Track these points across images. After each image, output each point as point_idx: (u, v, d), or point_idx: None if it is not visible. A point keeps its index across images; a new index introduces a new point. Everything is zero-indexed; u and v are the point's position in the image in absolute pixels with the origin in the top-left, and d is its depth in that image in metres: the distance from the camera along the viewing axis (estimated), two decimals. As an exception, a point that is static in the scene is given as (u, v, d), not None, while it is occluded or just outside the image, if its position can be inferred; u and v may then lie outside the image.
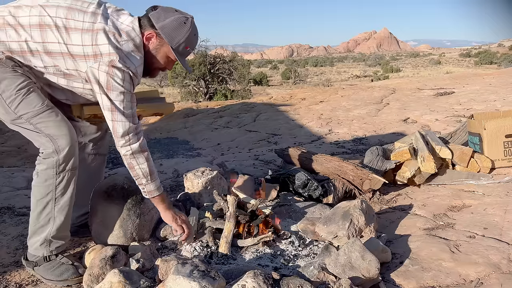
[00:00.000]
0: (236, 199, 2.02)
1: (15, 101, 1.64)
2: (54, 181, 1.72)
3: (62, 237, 1.81)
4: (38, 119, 1.68)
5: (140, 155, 1.76)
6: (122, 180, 2.06)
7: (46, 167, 1.71)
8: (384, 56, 78.70)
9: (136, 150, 1.74)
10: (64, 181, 1.73)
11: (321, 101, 7.68)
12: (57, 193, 1.73)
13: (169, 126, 6.67)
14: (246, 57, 73.38)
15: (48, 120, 1.69)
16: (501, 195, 2.50)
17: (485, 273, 1.69)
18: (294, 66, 44.12)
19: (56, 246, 1.80)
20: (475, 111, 4.84)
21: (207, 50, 19.87)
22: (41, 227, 1.76)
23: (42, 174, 1.72)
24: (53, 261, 1.79)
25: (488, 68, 34.39)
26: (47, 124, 1.69)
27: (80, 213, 2.15)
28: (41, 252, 1.78)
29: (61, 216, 1.76)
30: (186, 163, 3.92)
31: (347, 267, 1.63)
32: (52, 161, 1.70)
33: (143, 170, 1.77)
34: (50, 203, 1.74)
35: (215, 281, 1.43)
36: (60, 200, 1.75)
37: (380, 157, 2.89)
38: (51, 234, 1.76)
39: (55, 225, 1.75)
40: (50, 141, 1.69)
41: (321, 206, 2.39)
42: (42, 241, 1.77)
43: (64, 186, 1.74)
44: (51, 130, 1.69)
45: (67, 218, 1.79)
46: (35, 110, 1.67)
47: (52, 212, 1.74)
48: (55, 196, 1.73)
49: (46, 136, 1.69)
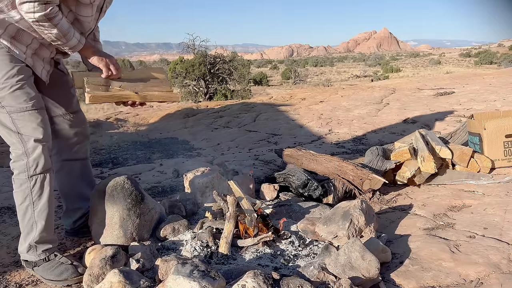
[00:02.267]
0: (236, 200, 2.02)
1: (2, 91, 1.65)
2: (29, 185, 1.73)
3: (46, 241, 1.81)
4: (19, 116, 1.68)
5: (46, 23, 1.63)
6: (122, 180, 2.05)
7: (18, 172, 1.73)
8: (384, 56, 78.69)
9: (41, 19, 1.61)
10: (38, 184, 1.74)
11: (321, 101, 7.67)
12: (33, 197, 1.74)
13: (169, 126, 6.67)
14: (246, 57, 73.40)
15: (28, 120, 1.70)
16: (501, 195, 2.50)
17: (485, 273, 1.69)
18: (294, 66, 44.13)
19: (43, 249, 1.80)
20: (475, 111, 4.84)
21: (207, 50, 19.89)
22: (27, 234, 1.78)
23: (16, 180, 1.74)
24: (53, 261, 1.79)
25: (488, 68, 34.40)
26: (24, 124, 1.70)
27: (76, 218, 2.16)
28: (31, 258, 1.79)
29: (42, 220, 1.77)
30: (186, 163, 3.92)
31: (347, 267, 1.63)
32: (22, 165, 1.71)
33: (54, 35, 1.67)
34: (29, 208, 1.75)
35: (215, 281, 1.43)
36: (38, 204, 1.75)
37: (380, 157, 2.89)
38: (35, 240, 1.77)
39: (38, 230, 1.76)
40: (20, 142, 1.70)
41: (321, 206, 2.39)
42: (28, 248, 1.78)
43: (39, 189, 1.74)
44: (26, 130, 1.69)
45: (49, 221, 1.79)
46: (19, 106, 1.68)
47: (33, 217, 1.76)
48: (32, 200, 1.74)
49: (18, 135, 1.69)
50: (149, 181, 3.37)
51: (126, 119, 8.10)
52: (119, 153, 4.79)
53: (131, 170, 3.79)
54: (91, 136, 5.94)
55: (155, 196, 2.93)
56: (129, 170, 3.82)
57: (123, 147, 5.08)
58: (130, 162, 4.33)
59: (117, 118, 8.14)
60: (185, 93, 19.58)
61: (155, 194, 3.04)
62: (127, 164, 4.26)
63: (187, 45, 20.61)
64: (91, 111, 17.08)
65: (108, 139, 5.58)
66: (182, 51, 20.84)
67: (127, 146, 5.16)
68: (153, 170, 3.74)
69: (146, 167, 3.89)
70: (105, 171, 3.85)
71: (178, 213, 2.29)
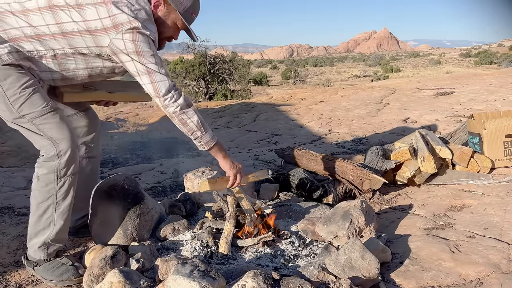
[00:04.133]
0: (236, 200, 2.02)
1: (19, 100, 1.62)
2: (55, 186, 1.70)
3: (60, 240, 1.81)
4: (42, 120, 1.66)
5: (188, 109, 1.73)
6: (122, 180, 2.05)
7: (47, 172, 1.69)
8: (384, 56, 78.72)
9: (183, 105, 1.71)
10: (65, 186, 1.72)
11: (321, 101, 7.68)
12: (58, 198, 1.73)
13: (169, 126, 6.66)
14: (246, 57, 73.34)
15: (51, 122, 1.68)
16: (501, 195, 2.50)
17: (485, 273, 1.69)
18: (294, 66, 44.13)
19: (54, 249, 1.80)
20: (475, 111, 4.84)
21: (207, 50, 19.89)
22: (41, 230, 1.75)
23: (43, 178, 1.71)
24: (54, 262, 1.79)
25: (488, 68, 34.40)
26: (50, 126, 1.68)
27: (78, 216, 2.15)
28: (39, 255, 1.79)
29: (61, 220, 1.76)
30: (186, 163, 3.92)
31: (347, 267, 1.63)
32: (53, 165, 1.68)
33: (195, 123, 1.74)
34: (51, 207, 1.73)
35: (215, 281, 1.43)
36: (61, 205, 1.74)
37: (380, 157, 2.89)
38: (51, 238, 1.76)
39: (55, 228, 1.75)
40: (52, 144, 1.68)
41: (321, 206, 2.39)
42: (41, 244, 1.77)
43: (65, 191, 1.73)
44: (53, 132, 1.68)
45: (67, 221, 1.80)
46: (38, 110, 1.65)
47: (53, 216, 1.74)
48: (56, 201, 1.72)
49: (48, 138, 1.67)
50: (149, 181, 3.37)
51: (126, 119, 8.10)
52: (119, 153, 4.79)
53: (131, 170, 3.79)
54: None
55: (155, 196, 2.93)
56: (129, 170, 3.82)
57: (123, 147, 5.09)
58: (130, 162, 4.33)
59: (117, 118, 8.14)
60: (185, 93, 19.56)
61: (155, 194, 3.04)
62: (127, 164, 4.26)
63: (187, 45, 20.62)
64: (91, 111, 17.08)
65: (108, 139, 5.58)
66: (182, 51, 20.84)
67: (127, 146, 5.17)
68: (153, 170, 3.74)
69: (146, 167, 3.89)
70: (105, 171, 3.85)
71: (178, 213, 2.29)
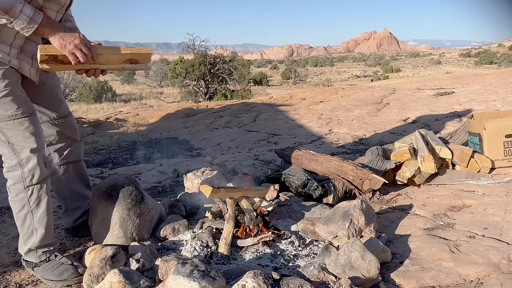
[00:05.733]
0: (235, 201, 2.02)
1: None
2: (25, 195, 1.68)
3: (47, 245, 1.80)
4: (8, 124, 1.59)
5: None
6: (122, 180, 2.06)
7: (13, 182, 1.67)
8: (384, 56, 78.71)
9: None
10: (35, 194, 1.69)
11: (321, 101, 7.68)
12: (31, 206, 1.70)
13: (169, 126, 6.67)
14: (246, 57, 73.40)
15: (18, 129, 1.60)
16: (501, 195, 2.50)
17: (485, 273, 1.69)
18: (294, 66, 44.12)
19: (44, 251, 1.79)
20: (475, 111, 4.84)
21: (207, 50, 19.90)
22: (27, 239, 1.76)
23: (12, 189, 1.69)
24: (53, 261, 1.79)
25: (488, 68, 34.40)
26: (15, 133, 1.60)
27: (76, 216, 2.15)
28: (32, 259, 1.79)
29: (42, 228, 1.74)
30: (186, 163, 3.92)
31: (347, 267, 1.63)
32: (18, 175, 1.65)
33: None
34: (28, 216, 1.71)
35: (215, 281, 1.43)
36: (36, 212, 1.72)
37: (380, 157, 2.89)
38: (35, 245, 1.76)
39: (38, 236, 1.75)
40: (12, 153, 1.62)
41: (321, 206, 2.39)
42: (27, 251, 1.78)
43: (36, 198, 1.70)
44: (17, 139, 1.61)
45: (49, 226, 1.77)
46: (7, 114, 1.58)
47: (33, 224, 1.73)
48: (30, 209, 1.70)
49: (10, 145, 1.61)
50: (149, 181, 3.37)
51: (126, 119, 8.10)
52: (119, 153, 4.80)
53: (131, 170, 3.79)
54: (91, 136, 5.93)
55: (155, 196, 2.93)
56: (129, 170, 3.82)
57: (123, 147, 5.09)
58: (130, 162, 4.33)
59: (117, 118, 8.14)
60: (185, 93, 19.60)
61: (155, 194, 3.04)
62: (127, 164, 4.26)
63: (187, 45, 20.64)
64: (91, 111, 17.10)
65: (108, 139, 5.58)
66: (182, 51, 20.87)
67: (127, 146, 5.17)
68: (153, 170, 3.74)
69: (146, 167, 3.89)
70: (105, 171, 3.85)
71: (178, 213, 2.29)
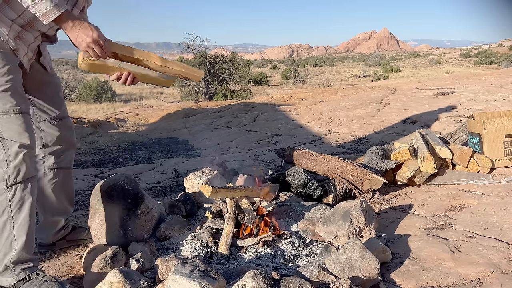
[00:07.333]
0: (235, 201, 2.02)
1: None
2: (7, 196, 1.53)
3: (27, 260, 1.59)
4: (4, 118, 1.54)
5: None
6: (122, 180, 2.06)
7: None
8: (384, 56, 78.74)
9: None
10: (18, 194, 1.55)
11: (321, 101, 7.68)
12: (13, 209, 1.55)
13: (169, 126, 6.67)
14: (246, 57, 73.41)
15: (13, 123, 1.55)
16: (501, 195, 2.50)
17: (485, 273, 1.69)
18: (294, 66, 44.13)
19: (23, 268, 1.59)
20: (475, 111, 4.84)
21: (207, 50, 19.91)
22: (4, 254, 1.56)
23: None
24: (35, 280, 1.59)
25: (488, 68, 34.41)
26: (10, 127, 1.55)
27: (55, 230, 2.05)
28: (8, 279, 1.57)
29: (22, 236, 1.56)
30: (186, 163, 3.92)
31: (347, 267, 1.63)
32: (1, 173, 1.54)
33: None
34: (8, 223, 1.55)
35: (215, 281, 1.43)
36: (18, 217, 1.55)
37: (380, 157, 2.89)
38: (12, 260, 1.55)
39: (17, 248, 1.56)
40: (2, 147, 1.54)
41: (321, 206, 2.39)
42: (4, 269, 1.56)
43: (19, 200, 1.55)
44: (11, 134, 1.55)
45: (29, 236, 1.59)
46: (6, 107, 1.54)
47: (12, 234, 1.55)
48: (11, 214, 1.54)
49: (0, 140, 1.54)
50: (149, 181, 3.37)
51: (126, 119, 8.09)
52: (119, 153, 4.79)
53: (131, 170, 3.79)
54: (91, 136, 5.92)
55: (155, 196, 2.93)
56: (129, 170, 3.83)
57: (123, 147, 5.09)
58: (130, 162, 4.33)
59: (117, 118, 8.13)
60: (185, 93, 19.62)
61: (155, 194, 3.04)
62: (127, 164, 4.26)
63: (187, 45, 20.65)
64: (91, 111, 17.09)
65: (108, 139, 5.58)
66: (182, 51, 20.88)
67: (127, 146, 5.17)
68: (153, 170, 3.75)
69: (146, 167, 3.89)
70: (105, 171, 3.85)
71: (178, 213, 2.29)
